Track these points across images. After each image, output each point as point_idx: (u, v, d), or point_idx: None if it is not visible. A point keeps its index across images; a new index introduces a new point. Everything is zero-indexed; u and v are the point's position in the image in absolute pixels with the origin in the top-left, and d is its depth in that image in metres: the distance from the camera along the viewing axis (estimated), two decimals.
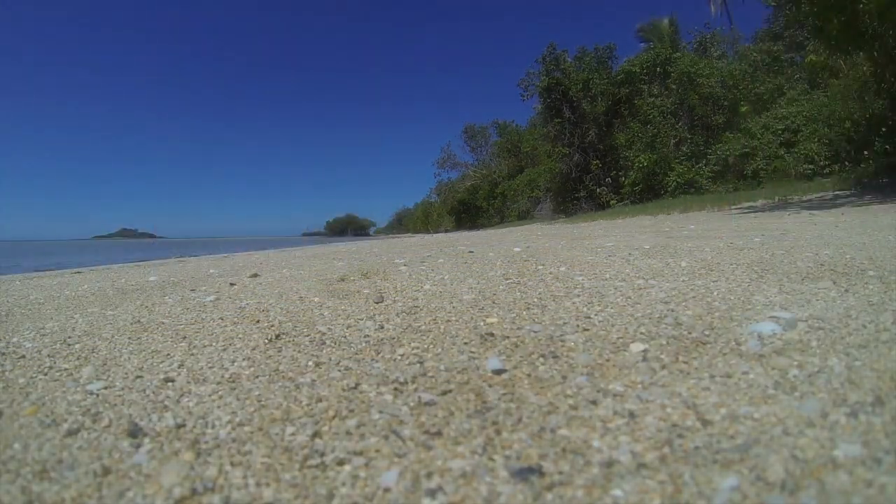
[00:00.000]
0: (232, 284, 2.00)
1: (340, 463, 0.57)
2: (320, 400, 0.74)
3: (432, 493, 0.50)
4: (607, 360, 0.82)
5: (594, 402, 0.68)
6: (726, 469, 0.50)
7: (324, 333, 1.11)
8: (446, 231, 24.57)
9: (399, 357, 0.92)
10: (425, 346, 0.98)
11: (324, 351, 0.99)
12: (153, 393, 0.81)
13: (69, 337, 1.20)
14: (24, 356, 1.05)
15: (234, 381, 0.84)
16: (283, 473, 0.55)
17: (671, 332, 0.94)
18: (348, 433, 0.64)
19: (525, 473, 0.52)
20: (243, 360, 0.96)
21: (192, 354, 1.01)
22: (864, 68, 7.87)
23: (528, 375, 0.79)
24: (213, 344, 1.08)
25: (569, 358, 0.85)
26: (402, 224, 57.56)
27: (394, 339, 1.04)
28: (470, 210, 30.49)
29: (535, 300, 1.28)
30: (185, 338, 1.14)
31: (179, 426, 0.68)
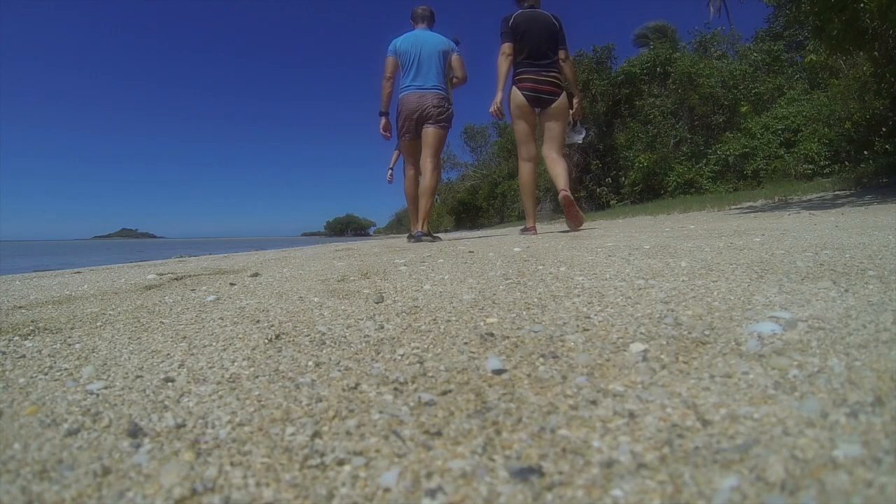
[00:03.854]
0: (232, 284, 2.00)
1: (340, 463, 0.57)
2: (320, 400, 0.74)
3: (432, 493, 0.50)
4: (607, 360, 0.82)
5: (594, 402, 0.67)
6: (726, 469, 0.50)
7: (324, 333, 1.11)
8: (446, 231, 24.57)
9: (399, 357, 0.92)
10: (425, 346, 0.98)
11: (324, 351, 0.99)
12: (153, 393, 0.81)
13: (69, 337, 1.20)
14: (24, 356, 1.05)
15: (234, 381, 0.84)
16: (283, 473, 0.55)
17: (671, 332, 0.94)
18: (348, 433, 0.64)
19: (525, 473, 0.52)
20: (243, 359, 0.96)
21: (192, 354, 1.01)
22: (865, 68, 7.87)
23: (528, 375, 0.79)
24: (213, 344, 1.08)
25: (569, 358, 0.85)
26: (402, 224, 57.64)
27: (394, 339, 1.04)
28: (470, 210, 30.48)
29: (535, 300, 1.28)
30: (185, 338, 1.14)
31: (179, 426, 0.68)
